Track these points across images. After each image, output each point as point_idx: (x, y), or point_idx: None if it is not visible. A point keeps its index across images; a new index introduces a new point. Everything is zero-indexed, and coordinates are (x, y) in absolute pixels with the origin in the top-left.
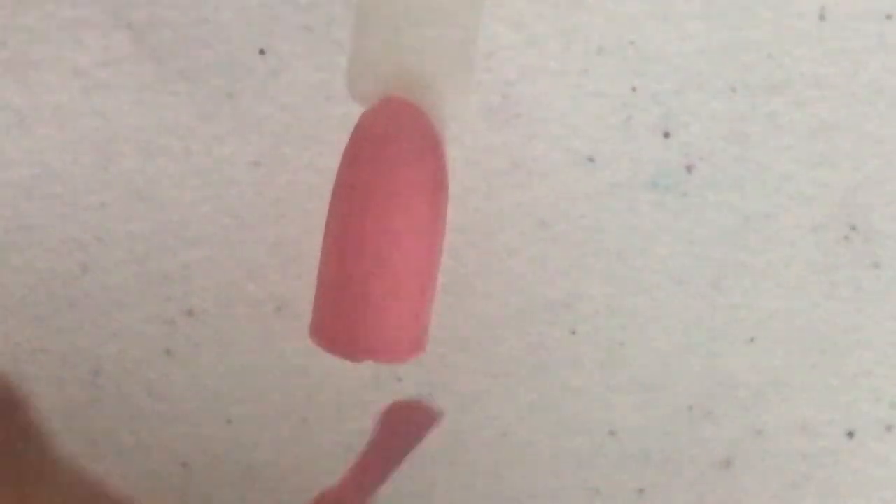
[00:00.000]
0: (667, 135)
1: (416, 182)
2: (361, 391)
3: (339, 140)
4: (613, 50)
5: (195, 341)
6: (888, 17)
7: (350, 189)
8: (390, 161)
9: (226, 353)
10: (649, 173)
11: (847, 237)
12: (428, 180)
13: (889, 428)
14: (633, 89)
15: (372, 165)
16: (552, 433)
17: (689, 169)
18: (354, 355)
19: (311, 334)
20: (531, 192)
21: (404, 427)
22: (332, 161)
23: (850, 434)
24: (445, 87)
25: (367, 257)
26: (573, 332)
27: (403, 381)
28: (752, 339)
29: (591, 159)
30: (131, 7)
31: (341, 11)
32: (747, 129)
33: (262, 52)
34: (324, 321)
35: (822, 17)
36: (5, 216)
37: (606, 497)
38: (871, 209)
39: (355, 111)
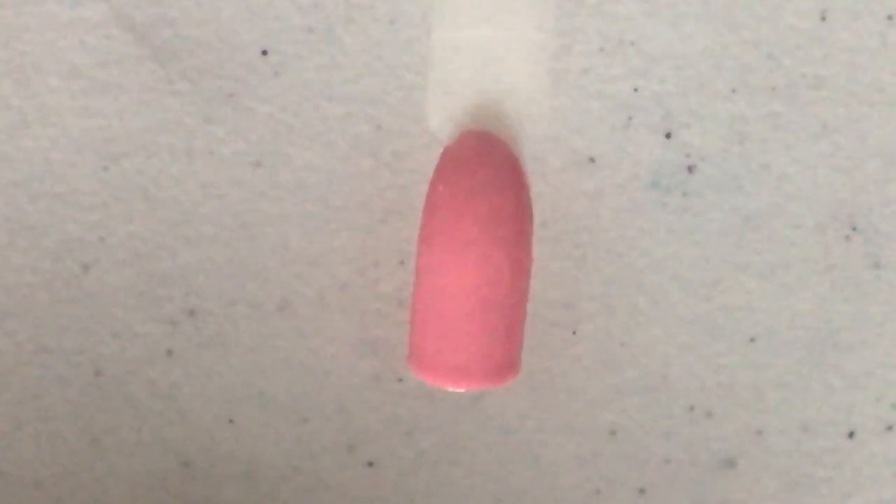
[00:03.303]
0: (668, 135)
1: (503, 212)
2: (361, 391)
3: (339, 140)
4: (614, 50)
5: (196, 341)
6: (889, 17)
7: (439, 223)
8: (477, 192)
9: (227, 352)
10: (650, 173)
11: (848, 237)
12: (514, 209)
13: (890, 428)
14: (635, 90)
15: (459, 198)
16: (552, 433)
17: (690, 169)
18: (455, 384)
19: (409, 365)
20: (532, 192)
21: None
22: (332, 161)
23: (851, 434)
24: (523, 117)
25: (459, 288)
26: (573, 332)
27: (404, 381)
28: (752, 340)
29: (591, 159)
30: (132, 7)
31: (343, 13)
32: (748, 129)
33: (263, 52)
34: (422, 353)
35: (823, 18)
36: (6, 216)
37: (607, 497)
38: (872, 209)
39: (356, 111)
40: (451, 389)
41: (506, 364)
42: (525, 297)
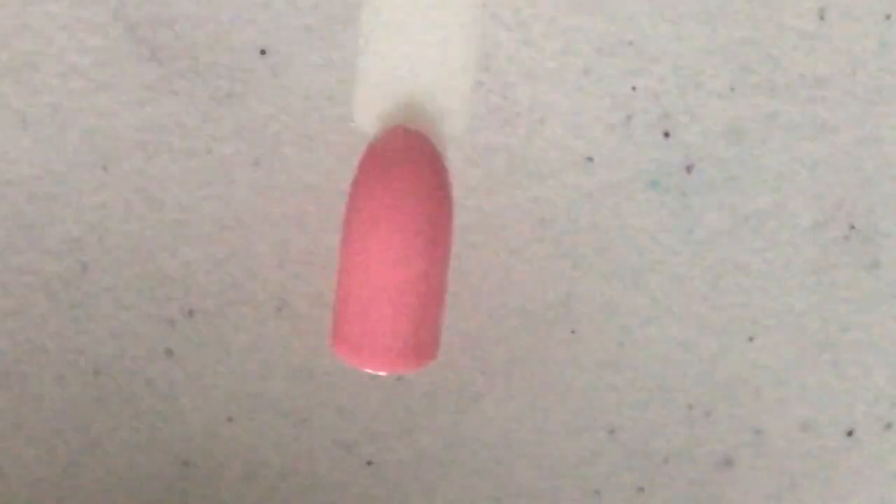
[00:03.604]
0: (666, 135)
1: (422, 208)
2: (360, 391)
3: (338, 140)
4: (613, 50)
5: (195, 341)
6: (887, 17)
7: (360, 214)
8: (398, 189)
9: (226, 352)
10: (649, 173)
11: (846, 237)
12: (433, 205)
13: (888, 426)
14: (633, 89)
15: (380, 193)
16: (552, 433)
17: (688, 169)
18: (372, 367)
19: (332, 346)
20: (531, 192)
21: None
22: (331, 161)
23: (850, 433)
24: (446, 114)
25: (377, 277)
26: (573, 332)
27: (403, 380)
28: (751, 339)
29: (590, 159)
30: (131, 7)
31: (341, 12)
32: (747, 129)
33: (262, 52)
34: (343, 335)
35: (821, 18)
36: (5, 216)
37: (606, 496)
38: (871, 209)
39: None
40: (370, 371)
41: (420, 350)
42: (443, 283)
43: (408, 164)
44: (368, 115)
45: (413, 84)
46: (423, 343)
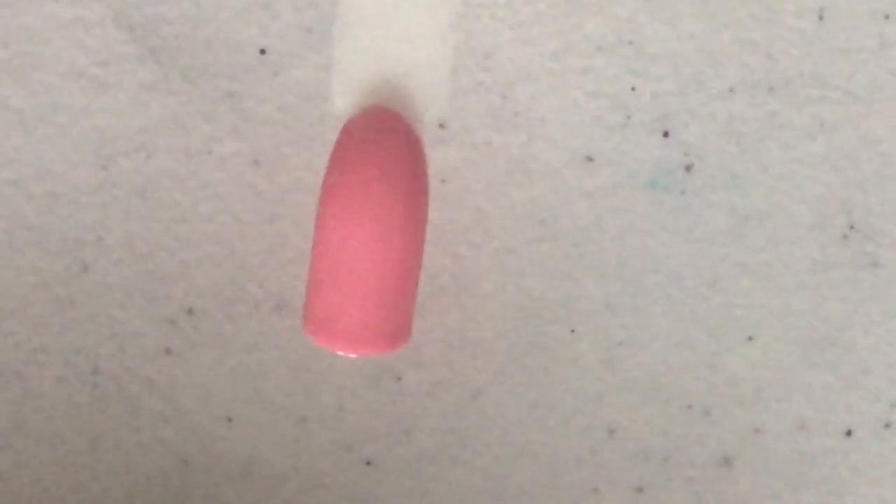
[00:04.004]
0: (666, 134)
1: (396, 186)
2: (361, 391)
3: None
4: (612, 50)
5: (195, 340)
6: (887, 17)
7: (335, 193)
8: (373, 167)
9: (225, 352)
10: (648, 173)
11: (846, 236)
12: (408, 184)
13: (887, 426)
14: (633, 89)
15: (355, 171)
16: (552, 433)
17: (688, 168)
18: (344, 348)
19: (303, 327)
20: (531, 192)
21: None
22: None
23: (849, 433)
24: (424, 95)
25: (349, 257)
26: (573, 332)
27: (403, 380)
28: (750, 338)
29: (590, 159)
30: (131, 7)
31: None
32: (746, 128)
33: (262, 52)
34: (313, 315)
35: (821, 18)
36: (5, 216)
37: (606, 495)
38: (870, 208)
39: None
40: (342, 353)
41: (392, 332)
42: (417, 264)
43: (383, 143)
44: (345, 95)
45: (390, 65)
46: (395, 325)
